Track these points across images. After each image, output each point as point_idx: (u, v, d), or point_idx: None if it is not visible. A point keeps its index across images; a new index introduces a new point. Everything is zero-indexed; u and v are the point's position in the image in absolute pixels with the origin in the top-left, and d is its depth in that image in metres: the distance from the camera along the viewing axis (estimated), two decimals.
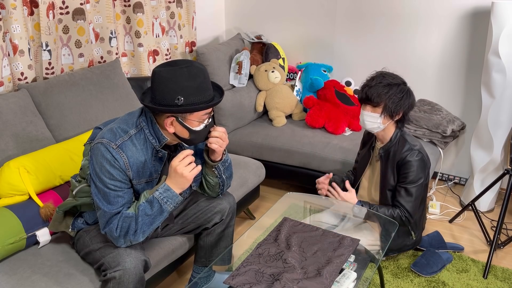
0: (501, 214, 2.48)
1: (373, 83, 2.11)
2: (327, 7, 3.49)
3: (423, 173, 2.18)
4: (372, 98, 2.09)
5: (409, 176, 2.16)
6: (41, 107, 2.27)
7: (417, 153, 2.15)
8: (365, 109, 2.15)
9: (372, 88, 2.10)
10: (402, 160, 2.16)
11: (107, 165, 1.63)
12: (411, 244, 2.38)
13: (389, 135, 2.21)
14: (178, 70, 1.59)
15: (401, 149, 2.17)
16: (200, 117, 1.66)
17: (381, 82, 2.10)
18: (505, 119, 2.75)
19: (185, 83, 1.59)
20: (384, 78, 2.11)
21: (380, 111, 2.11)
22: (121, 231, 1.65)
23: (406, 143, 2.18)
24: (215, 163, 1.89)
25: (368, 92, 2.10)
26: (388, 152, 2.22)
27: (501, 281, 2.36)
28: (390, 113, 2.11)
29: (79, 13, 2.53)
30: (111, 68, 2.67)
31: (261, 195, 3.29)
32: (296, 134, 3.10)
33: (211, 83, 1.73)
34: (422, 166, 2.16)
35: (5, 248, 1.77)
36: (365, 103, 2.14)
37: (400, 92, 2.10)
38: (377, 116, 2.12)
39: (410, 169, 2.15)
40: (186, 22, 3.38)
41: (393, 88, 2.09)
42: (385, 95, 2.08)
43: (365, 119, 2.16)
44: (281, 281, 1.61)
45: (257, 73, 3.35)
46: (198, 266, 2.13)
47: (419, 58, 3.27)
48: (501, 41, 2.59)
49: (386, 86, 2.09)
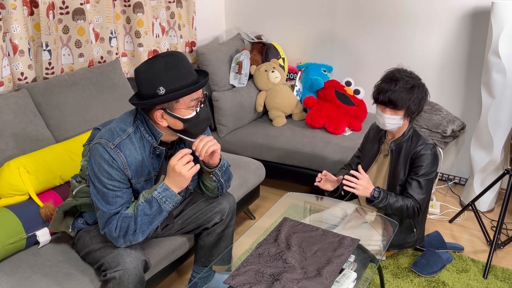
0: (501, 214, 2.48)
1: (397, 88, 2.05)
2: (327, 7, 3.49)
3: (436, 167, 2.19)
4: (397, 103, 2.05)
5: (422, 169, 2.16)
6: (41, 107, 2.27)
7: (431, 147, 2.16)
8: (385, 112, 2.11)
9: (395, 93, 2.04)
10: (417, 153, 2.16)
11: (105, 165, 1.63)
12: (412, 242, 2.37)
13: (403, 130, 2.21)
14: (154, 62, 1.60)
15: (416, 143, 2.18)
16: (187, 103, 1.64)
17: (405, 87, 2.05)
18: (505, 119, 2.75)
19: (163, 72, 1.59)
20: (405, 81, 2.06)
21: (403, 114, 2.11)
22: (120, 231, 1.65)
23: (420, 137, 2.19)
24: (213, 169, 1.88)
25: (391, 97, 2.05)
26: (400, 147, 2.21)
27: (501, 281, 2.36)
28: (411, 114, 2.13)
29: (79, 13, 2.53)
30: (111, 68, 2.67)
31: (261, 195, 3.29)
32: (296, 134, 3.10)
33: (196, 69, 1.72)
34: (435, 160, 2.18)
35: (5, 248, 1.77)
36: (386, 105, 2.09)
37: (421, 93, 2.09)
38: (399, 118, 2.11)
39: (424, 162, 2.16)
40: (186, 22, 3.38)
41: (415, 91, 2.07)
42: (409, 100, 2.06)
43: (386, 122, 2.12)
44: (281, 281, 1.61)
45: (257, 73, 3.35)
46: (198, 266, 2.13)
47: (419, 58, 3.27)
48: (501, 41, 2.59)
49: (409, 90, 2.06)
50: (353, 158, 2.52)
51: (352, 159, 2.52)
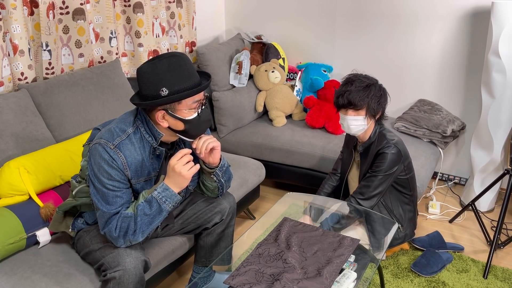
0: (501, 214, 2.48)
1: (353, 87, 2.13)
2: (327, 7, 3.49)
3: (396, 166, 2.21)
4: (355, 102, 2.13)
5: (379, 166, 2.21)
6: (41, 107, 2.27)
7: (393, 147, 2.20)
8: (347, 114, 2.18)
9: (352, 93, 2.13)
10: (378, 152, 2.22)
11: (105, 166, 1.63)
12: (401, 238, 2.40)
13: (368, 133, 2.26)
14: (158, 62, 1.60)
15: (379, 144, 2.22)
16: (189, 105, 1.65)
17: (360, 85, 2.14)
18: (505, 119, 2.75)
19: (166, 73, 1.59)
20: (361, 81, 2.15)
21: (364, 113, 2.16)
22: (120, 231, 1.65)
23: (384, 138, 2.23)
24: (213, 169, 1.88)
25: (349, 97, 2.13)
26: (368, 149, 2.27)
27: (501, 281, 2.36)
28: (373, 113, 2.17)
29: (79, 13, 2.53)
30: (111, 68, 2.67)
31: (261, 195, 3.29)
32: (296, 134, 3.10)
33: (199, 71, 1.72)
34: (395, 160, 2.20)
35: (5, 248, 1.77)
36: (347, 108, 2.17)
37: (378, 91, 2.17)
38: (362, 119, 2.17)
39: (382, 160, 2.20)
40: (186, 22, 3.38)
41: (372, 89, 2.15)
42: (367, 97, 2.13)
43: (350, 124, 2.18)
44: (281, 281, 1.61)
45: (257, 73, 3.35)
46: (198, 266, 2.13)
47: (419, 58, 3.27)
48: (501, 41, 2.59)
49: (366, 88, 2.14)
50: (338, 161, 2.57)
51: (337, 162, 2.56)
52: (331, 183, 2.52)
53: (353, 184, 2.42)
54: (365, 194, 2.23)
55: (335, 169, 2.55)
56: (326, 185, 2.52)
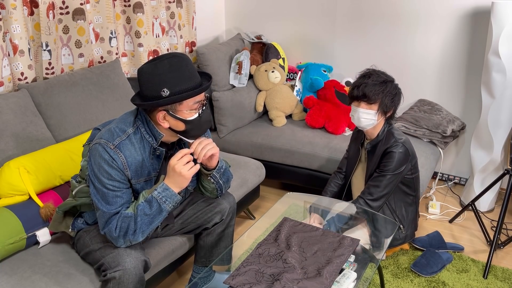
0: (501, 214, 2.48)
1: (369, 81, 2.14)
2: (327, 7, 3.49)
3: (404, 165, 2.21)
4: (370, 95, 2.13)
5: (387, 165, 2.20)
6: (41, 107, 2.27)
7: (400, 146, 2.20)
8: (359, 106, 2.18)
9: (368, 86, 2.13)
10: (386, 151, 2.21)
11: (105, 166, 1.63)
12: (401, 239, 2.40)
13: (377, 131, 2.25)
14: (159, 63, 1.60)
15: (387, 142, 2.22)
16: (190, 106, 1.65)
17: (377, 80, 2.14)
18: (505, 119, 2.75)
19: (168, 74, 1.59)
20: (378, 75, 2.16)
21: (376, 108, 2.16)
22: (120, 231, 1.65)
23: (392, 137, 2.23)
24: (210, 171, 1.88)
25: (365, 90, 2.13)
26: (375, 147, 2.26)
27: (501, 281, 2.36)
28: (385, 110, 2.17)
29: (79, 13, 2.53)
30: (111, 68, 2.67)
31: (261, 195, 3.29)
32: (296, 134, 3.10)
33: (199, 71, 1.72)
34: (403, 159, 2.20)
35: (5, 248, 1.77)
36: (361, 100, 2.17)
37: (394, 89, 2.17)
38: (373, 113, 2.16)
39: (390, 159, 2.19)
40: (186, 22, 3.38)
41: (388, 85, 2.15)
42: (382, 92, 2.13)
43: (360, 116, 2.18)
44: (281, 281, 1.61)
45: (257, 73, 3.35)
46: (198, 266, 2.13)
47: (419, 58, 3.27)
48: (501, 41, 2.59)
49: (382, 83, 2.14)
50: (343, 160, 2.55)
51: (342, 161, 2.55)
52: (337, 181, 2.50)
53: (357, 183, 2.41)
54: (374, 194, 2.21)
55: (340, 168, 2.53)
56: (332, 183, 2.51)
